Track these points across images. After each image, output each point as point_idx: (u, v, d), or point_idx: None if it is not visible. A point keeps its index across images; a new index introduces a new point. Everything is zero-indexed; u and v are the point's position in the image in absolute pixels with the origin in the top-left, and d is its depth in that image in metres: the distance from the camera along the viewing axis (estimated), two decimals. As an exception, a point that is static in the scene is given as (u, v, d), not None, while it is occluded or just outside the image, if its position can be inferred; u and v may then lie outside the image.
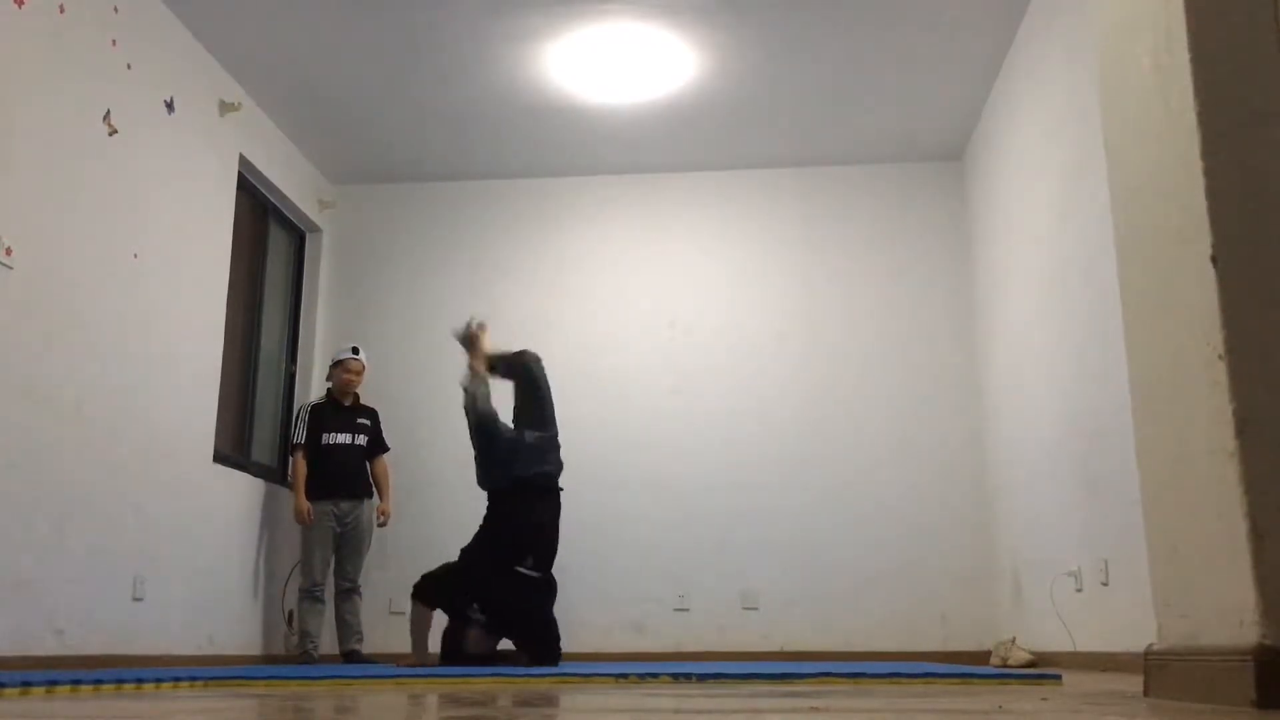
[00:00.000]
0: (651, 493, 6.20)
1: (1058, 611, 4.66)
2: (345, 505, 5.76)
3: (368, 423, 5.97)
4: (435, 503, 6.29)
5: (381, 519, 5.95)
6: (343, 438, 5.84)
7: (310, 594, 5.66)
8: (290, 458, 5.90)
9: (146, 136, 4.82)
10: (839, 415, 6.33)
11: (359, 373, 5.96)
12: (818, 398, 6.36)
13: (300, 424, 5.85)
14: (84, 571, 4.26)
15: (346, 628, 5.73)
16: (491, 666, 4.30)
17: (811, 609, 6.06)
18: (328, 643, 5.80)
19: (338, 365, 5.95)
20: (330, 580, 5.79)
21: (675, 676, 3.16)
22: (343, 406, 5.91)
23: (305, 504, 5.66)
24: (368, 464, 5.95)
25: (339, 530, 5.75)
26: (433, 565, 6.39)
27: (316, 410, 5.90)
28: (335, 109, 5.97)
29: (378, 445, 6.00)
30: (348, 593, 5.77)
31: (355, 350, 5.99)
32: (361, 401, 6.05)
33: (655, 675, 3.20)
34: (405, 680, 3.26)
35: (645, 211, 6.75)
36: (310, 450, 5.76)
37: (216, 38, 5.25)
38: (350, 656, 5.70)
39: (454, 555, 4.84)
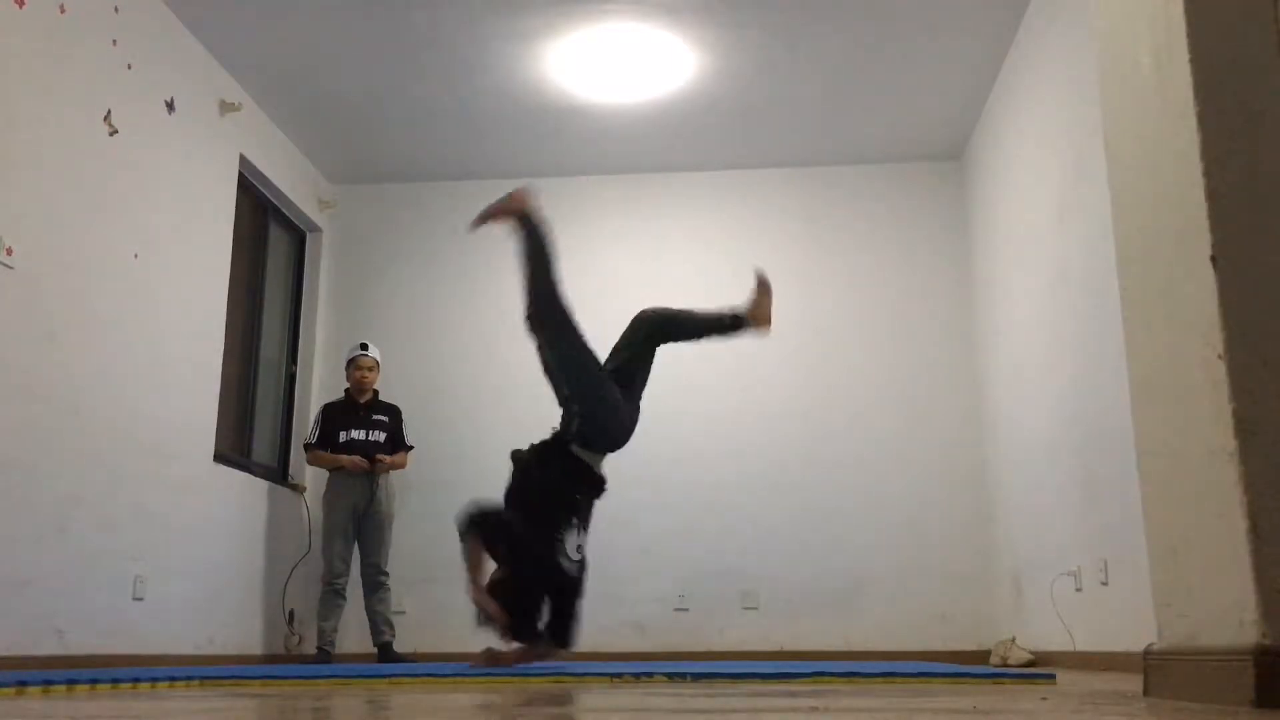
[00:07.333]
0: (651, 493, 6.18)
1: (1057, 611, 4.65)
2: (363, 481, 5.70)
3: (386, 419, 5.91)
4: (434, 502, 6.28)
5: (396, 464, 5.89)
6: (358, 434, 5.80)
7: (332, 587, 5.56)
8: (307, 455, 5.89)
9: (146, 136, 4.82)
10: (838, 414, 6.33)
11: (370, 369, 5.91)
12: (817, 397, 6.36)
13: (315, 423, 5.86)
14: (84, 571, 4.26)
15: (377, 618, 5.59)
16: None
17: (811, 609, 6.06)
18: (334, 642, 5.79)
19: (349, 364, 5.95)
20: (339, 575, 5.65)
21: (670, 676, 3.14)
22: (358, 404, 5.89)
23: (347, 457, 5.65)
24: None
25: (359, 513, 5.66)
26: (434, 565, 6.33)
27: (330, 408, 5.90)
28: (335, 109, 5.97)
29: (398, 443, 5.95)
30: (376, 584, 5.64)
31: (364, 347, 5.96)
32: (381, 399, 6.01)
33: (650, 675, 3.19)
34: (400, 680, 3.25)
35: (645, 211, 6.75)
36: (327, 449, 5.75)
37: (216, 38, 5.25)
38: (385, 652, 5.54)
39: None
